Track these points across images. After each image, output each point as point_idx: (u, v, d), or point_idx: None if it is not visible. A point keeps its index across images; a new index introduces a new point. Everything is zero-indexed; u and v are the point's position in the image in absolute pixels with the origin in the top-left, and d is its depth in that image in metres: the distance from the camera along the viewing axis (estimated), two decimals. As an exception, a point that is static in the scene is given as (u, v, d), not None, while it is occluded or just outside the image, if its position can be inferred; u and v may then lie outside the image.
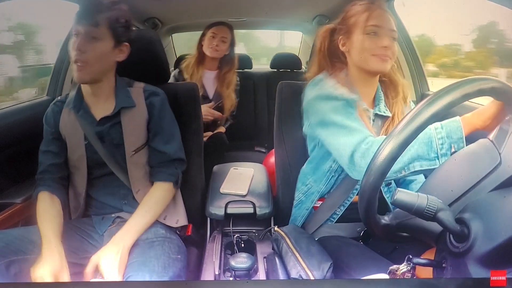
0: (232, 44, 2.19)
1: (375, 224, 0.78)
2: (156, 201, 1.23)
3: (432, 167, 0.93)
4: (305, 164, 1.31)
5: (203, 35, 2.20)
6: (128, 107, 1.25)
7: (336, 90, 1.13)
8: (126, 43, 1.23)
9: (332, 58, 1.22)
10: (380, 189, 0.96)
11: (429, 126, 0.89)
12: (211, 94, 2.19)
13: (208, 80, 2.19)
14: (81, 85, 1.24)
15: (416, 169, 0.95)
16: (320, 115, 1.12)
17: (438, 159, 0.92)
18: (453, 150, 0.90)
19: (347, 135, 1.04)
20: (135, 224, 1.16)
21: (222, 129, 2.20)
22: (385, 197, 1.21)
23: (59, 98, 1.34)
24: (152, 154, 1.28)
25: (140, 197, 1.24)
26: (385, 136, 0.94)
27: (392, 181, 1.23)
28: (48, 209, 1.17)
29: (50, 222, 1.13)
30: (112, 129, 1.24)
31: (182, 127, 1.34)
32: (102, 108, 1.26)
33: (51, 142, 1.27)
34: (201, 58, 2.19)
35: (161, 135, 1.28)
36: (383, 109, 1.20)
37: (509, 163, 0.70)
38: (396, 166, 0.92)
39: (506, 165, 0.70)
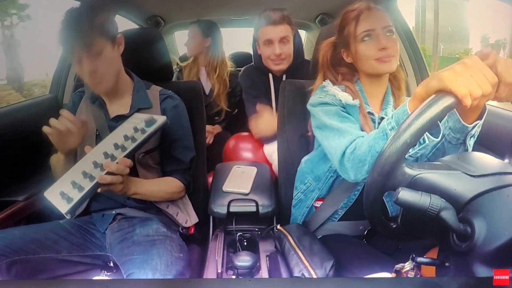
0: (205, 35, 2.22)
1: (380, 223, 0.78)
2: (167, 181, 1.25)
3: None
4: (303, 163, 1.31)
5: None
6: (143, 108, 1.25)
7: (336, 96, 1.13)
8: (119, 34, 1.20)
9: (338, 69, 1.22)
10: None
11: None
12: (207, 89, 2.25)
13: (203, 76, 2.27)
14: None
15: None
16: (317, 119, 1.13)
17: None
18: None
19: (338, 138, 1.04)
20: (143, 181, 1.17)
21: (218, 129, 2.23)
22: (385, 199, 1.20)
23: (80, 89, 1.35)
24: (167, 160, 1.28)
25: None
26: (375, 131, 0.94)
27: None
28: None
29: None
30: None
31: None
32: (117, 104, 1.27)
33: None
34: (195, 57, 2.30)
35: (178, 142, 1.28)
36: (390, 114, 1.18)
37: None
38: (364, 167, 0.94)
39: None
